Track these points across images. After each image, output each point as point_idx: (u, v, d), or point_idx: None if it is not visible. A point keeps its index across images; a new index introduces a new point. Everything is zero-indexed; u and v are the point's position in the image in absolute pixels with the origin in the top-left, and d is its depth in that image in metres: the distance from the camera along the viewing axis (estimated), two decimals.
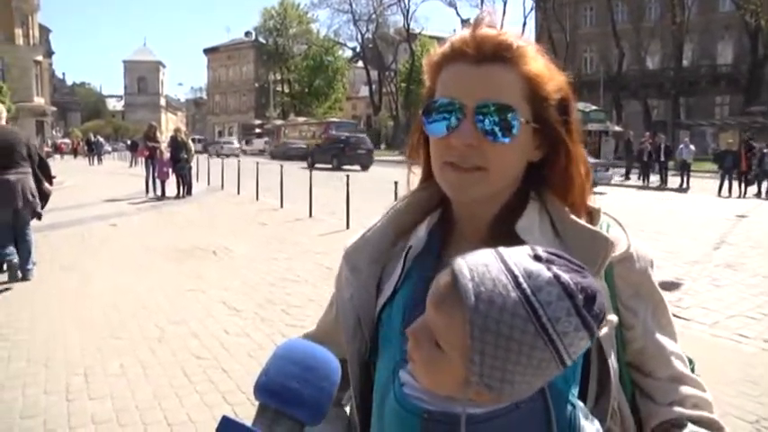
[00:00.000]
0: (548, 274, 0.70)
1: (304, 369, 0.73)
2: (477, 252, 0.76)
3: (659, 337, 0.97)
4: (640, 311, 0.96)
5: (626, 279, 0.96)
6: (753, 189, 20.66)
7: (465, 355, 0.71)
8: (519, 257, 0.73)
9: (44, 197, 7.55)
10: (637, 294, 0.97)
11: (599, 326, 0.73)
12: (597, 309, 0.71)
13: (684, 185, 22.55)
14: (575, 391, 0.86)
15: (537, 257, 0.73)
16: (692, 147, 24.13)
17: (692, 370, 1.00)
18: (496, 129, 0.90)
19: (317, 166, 31.24)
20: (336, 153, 32.96)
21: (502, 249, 0.75)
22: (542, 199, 0.99)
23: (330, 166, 31.39)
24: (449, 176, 0.94)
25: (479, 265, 0.72)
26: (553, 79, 0.94)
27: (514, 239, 0.91)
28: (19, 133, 7.60)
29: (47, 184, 7.55)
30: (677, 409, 0.94)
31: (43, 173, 7.49)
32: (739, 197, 19.84)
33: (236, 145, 54.32)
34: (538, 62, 0.93)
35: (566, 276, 0.70)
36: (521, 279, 0.70)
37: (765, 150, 20.41)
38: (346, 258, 1.05)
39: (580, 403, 0.85)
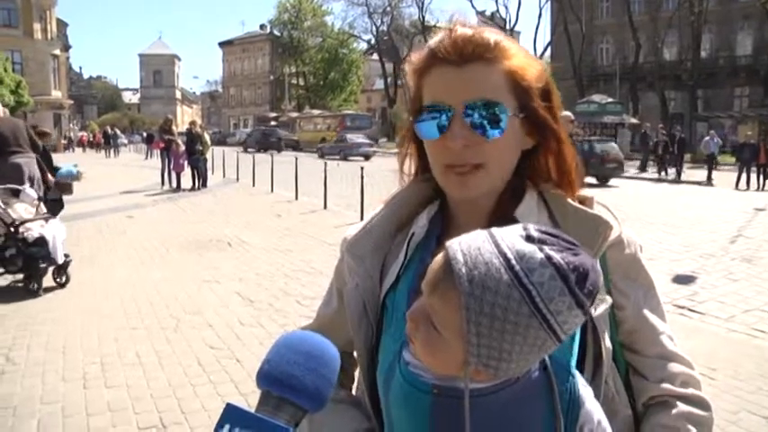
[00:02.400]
0: (539, 255, 0.71)
1: (306, 357, 0.74)
2: (471, 234, 0.77)
3: (650, 317, 1.02)
4: (631, 293, 1.01)
5: (618, 262, 1.01)
6: None
7: (462, 338, 0.73)
8: (511, 238, 0.74)
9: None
10: (628, 277, 1.02)
11: (592, 302, 0.74)
12: (590, 286, 0.72)
13: (709, 179, 22.06)
14: (573, 362, 0.90)
15: (529, 237, 0.74)
16: (718, 140, 23.78)
17: None
18: (486, 125, 0.93)
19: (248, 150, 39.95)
20: (259, 140, 44.36)
21: (495, 230, 0.76)
22: (539, 187, 1.03)
23: (254, 149, 39.76)
24: (451, 179, 0.98)
25: (472, 249, 0.73)
26: (533, 69, 0.98)
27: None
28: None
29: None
30: (666, 385, 0.99)
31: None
32: (758, 190, 19.61)
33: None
34: (517, 55, 0.97)
35: (557, 256, 0.71)
36: (513, 261, 0.71)
37: None
38: (349, 249, 1.08)
39: (578, 373, 0.88)
